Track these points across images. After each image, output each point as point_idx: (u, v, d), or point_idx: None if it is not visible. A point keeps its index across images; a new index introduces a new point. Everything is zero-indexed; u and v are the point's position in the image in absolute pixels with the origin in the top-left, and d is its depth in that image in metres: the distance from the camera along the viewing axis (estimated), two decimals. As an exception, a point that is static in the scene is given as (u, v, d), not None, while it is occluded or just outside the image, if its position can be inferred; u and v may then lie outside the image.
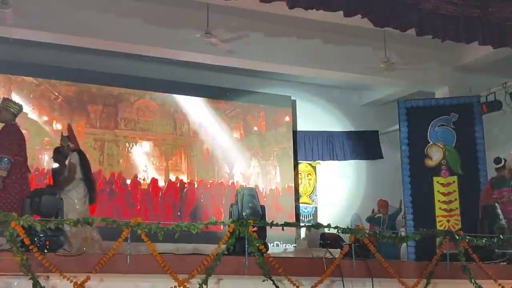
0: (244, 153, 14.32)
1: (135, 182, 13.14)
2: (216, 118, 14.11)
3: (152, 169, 13.35)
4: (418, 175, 12.09)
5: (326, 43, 12.26)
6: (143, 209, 13.00)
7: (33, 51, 12.19)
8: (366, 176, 15.36)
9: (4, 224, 6.78)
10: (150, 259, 7.22)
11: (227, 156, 14.15)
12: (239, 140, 14.33)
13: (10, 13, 9.79)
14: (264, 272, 7.57)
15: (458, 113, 12.22)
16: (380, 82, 13.69)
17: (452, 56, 12.94)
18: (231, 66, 12.70)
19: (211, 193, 13.82)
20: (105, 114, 13.17)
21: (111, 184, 12.97)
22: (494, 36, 9.59)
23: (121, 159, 13.20)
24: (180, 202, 13.50)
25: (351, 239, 8.28)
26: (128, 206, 12.98)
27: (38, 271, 6.75)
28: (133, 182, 13.14)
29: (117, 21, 10.99)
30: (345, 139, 15.32)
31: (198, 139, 13.97)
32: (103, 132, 13.12)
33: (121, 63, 12.87)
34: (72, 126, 10.10)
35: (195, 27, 10.98)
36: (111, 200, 12.88)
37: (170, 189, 13.45)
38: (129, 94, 13.42)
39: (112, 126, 13.23)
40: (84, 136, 12.60)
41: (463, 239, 8.94)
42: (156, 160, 13.44)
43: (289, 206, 14.25)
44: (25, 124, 11.66)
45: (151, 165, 13.37)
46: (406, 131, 12.29)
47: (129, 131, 13.31)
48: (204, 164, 13.93)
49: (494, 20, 9.48)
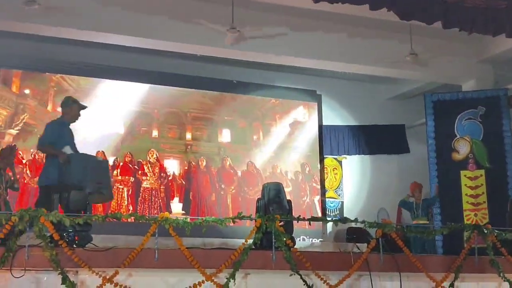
0: (269, 147, 14.31)
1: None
2: (241, 113, 14.14)
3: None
4: (445, 169, 12.04)
5: (352, 37, 12.22)
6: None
7: (58, 48, 12.32)
8: (392, 170, 15.25)
9: (34, 220, 6.85)
10: (177, 253, 7.26)
11: (250, 150, 14.17)
12: (265, 134, 14.34)
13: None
14: (291, 267, 7.59)
15: (485, 106, 12.15)
16: (406, 76, 13.61)
17: (478, 49, 12.85)
18: (256, 61, 12.69)
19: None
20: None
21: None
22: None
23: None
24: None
25: (378, 233, 8.26)
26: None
27: (67, 266, 6.82)
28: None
29: (142, 17, 11.03)
30: (371, 133, 15.27)
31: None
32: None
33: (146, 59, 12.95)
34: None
35: (220, 22, 11.00)
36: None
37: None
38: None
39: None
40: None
41: (491, 233, 8.90)
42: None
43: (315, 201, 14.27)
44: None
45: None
46: (433, 125, 12.24)
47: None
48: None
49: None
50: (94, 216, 7.51)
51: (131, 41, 11.54)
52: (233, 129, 14.11)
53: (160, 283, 7.36)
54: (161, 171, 13.23)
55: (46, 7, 10.07)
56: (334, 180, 14.95)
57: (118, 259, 7.04)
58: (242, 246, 7.50)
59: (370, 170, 15.35)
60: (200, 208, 13.35)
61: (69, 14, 10.56)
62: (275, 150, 14.38)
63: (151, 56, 12.82)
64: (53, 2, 10.31)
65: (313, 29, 11.98)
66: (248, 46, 11.48)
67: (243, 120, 14.23)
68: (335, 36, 12.14)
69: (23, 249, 6.78)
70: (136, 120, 13.26)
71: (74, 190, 7.82)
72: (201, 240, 9.13)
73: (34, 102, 12.48)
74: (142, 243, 7.13)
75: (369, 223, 8.48)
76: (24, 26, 10.70)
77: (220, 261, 7.41)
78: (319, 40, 12.06)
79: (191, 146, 13.66)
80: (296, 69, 13.84)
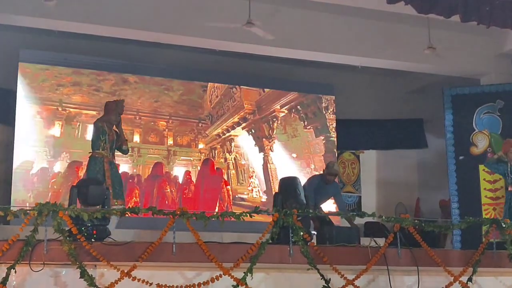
0: (285, 141, 14.34)
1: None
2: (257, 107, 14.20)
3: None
4: (464, 163, 12.00)
5: (369, 31, 12.19)
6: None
7: (71, 42, 12.43)
8: (410, 165, 15.22)
9: (53, 214, 6.91)
10: (195, 248, 7.31)
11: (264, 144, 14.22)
12: (280, 128, 14.36)
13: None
14: (309, 261, 7.61)
15: (504, 100, 12.09)
16: (424, 69, 13.55)
17: (497, 42, 12.77)
18: (273, 56, 12.69)
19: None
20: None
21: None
22: (540, 21, 9.47)
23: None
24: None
25: (396, 227, 8.26)
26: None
27: (86, 260, 6.89)
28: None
29: (157, 11, 11.05)
30: (389, 127, 15.22)
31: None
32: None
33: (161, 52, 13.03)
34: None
35: (237, 16, 11.02)
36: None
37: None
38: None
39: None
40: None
41: (510, 227, 8.88)
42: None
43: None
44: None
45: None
46: (451, 119, 12.20)
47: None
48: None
49: (540, 4, 9.36)
50: (112, 210, 7.59)
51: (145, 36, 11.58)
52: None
53: (177, 277, 7.41)
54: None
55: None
56: (352, 174, 14.94)
57: (136, 253, 7.10)
58: (260, 241, 7.54)
59: (388, 164, 15.29)
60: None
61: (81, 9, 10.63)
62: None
63: (165, 49, 12.86)
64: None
65: (330, 23, 11.98)
66: (265, 40, 11.49)
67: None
68: (353, 29, 12.12)
69: (42, 243, 6.86)
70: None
71: (93, 184, 7.91)
72: (219, 234, 9.19)
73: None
74: (160, 237, 7.18)
75: (386, 217, 8.50)
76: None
77: (238, 255, 7.46)
78: (336, 34, 12.05)
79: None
80: (313, 63, 13.82)
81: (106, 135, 9.09)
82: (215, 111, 13.88)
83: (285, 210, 7.92)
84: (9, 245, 6.77)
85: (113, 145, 9.19)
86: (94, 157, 9.07)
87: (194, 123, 13.66)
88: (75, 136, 12.53)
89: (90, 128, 10.77)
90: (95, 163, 9.00)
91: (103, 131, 9.08)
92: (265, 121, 14.25)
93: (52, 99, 12.47)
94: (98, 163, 8.99)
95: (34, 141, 12.17)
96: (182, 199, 12.99)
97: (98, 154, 9.03)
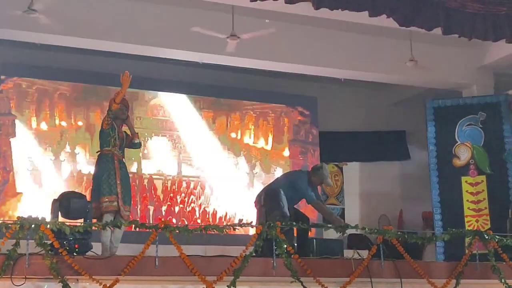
0: (268, 153, 14.33)
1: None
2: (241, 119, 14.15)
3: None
4: (446, 175, 12.03)
5: (352, 43, 12.24)
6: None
7: (55, 55, 12.39)
8: (393, 176, 15.27)
9: (34, 228, 6.86)
10: (178, 261, 7.28)
11: (249, 155, 14.16)
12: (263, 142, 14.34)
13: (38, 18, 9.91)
14: (292, 274, 7.60)
15: (486, 112, 12.14)
16: (407, 82, 13.61)
17: (478, 55, 12.85)
18: (255, 68, 12.70)
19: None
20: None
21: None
22: (521, 34, 9.53)
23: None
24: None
25: (379, 239, 8.27)
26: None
27: (68, 274, 6.85)
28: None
29: (142, 25, 11.07)
30: (372, 139, 15.25)
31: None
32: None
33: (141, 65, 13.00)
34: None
35: (220, 29, 11.04)
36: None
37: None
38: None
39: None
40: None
41: (493, 239, 8.91)
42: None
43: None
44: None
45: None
46: (434, 131, 12.25)
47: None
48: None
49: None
50: (94, 224, 7.55)
51: (128, 48, 11.57)
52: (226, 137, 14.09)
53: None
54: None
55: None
56: (335, 186, 14.94)
57: (118, 267, 7.06)
58: (243, 253, 7.52)
59: (371, 176, 15.33)
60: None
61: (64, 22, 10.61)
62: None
63: (150, 62, 12.85)
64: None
65: (313, 36, 12.01)
66: (248, 53, 11.50)
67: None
68: (335, 42, 12.17)
69: (24, 257, 6.81)
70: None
71: (75, 198, 7.87)
72: (203, 247, 9.15)
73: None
74: (143, 251, 7.15)
75: (370, 229, 8.50)
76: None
77: (221, 269, 7.43)
78: (319, 47, 12.09)
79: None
80: (296, 76, 13.85)
81: (116, 132, 8.63)
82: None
83: (268, 222, 7.91)
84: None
85: (123, 143, 8.73)
86: (104, 155, 8.52)
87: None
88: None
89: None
90: (106, 161, 8.47)
91: (113, 127, 8.60)
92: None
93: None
94: (109, 160, 8.48)
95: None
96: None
97: (108, 151, 8.52)
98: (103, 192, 8.23)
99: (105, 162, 8.46)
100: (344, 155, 15.09)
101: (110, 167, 8.41)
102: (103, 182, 8.28)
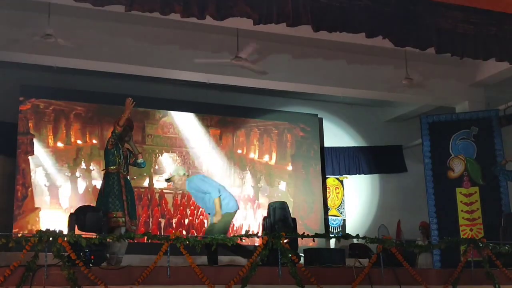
0: (272, 168, 14.33)
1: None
2: (246, 136, 14.16)
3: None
4: (441, 187, 12.00)
5: (350, 63, 12.29)
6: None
7: (71, 78, 12.52)
8: (391, 188, 15.30)
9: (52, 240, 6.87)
10: (189, 271, 7.27)
11: (254, 170, 14.17)
12: (267, 157, 14.35)
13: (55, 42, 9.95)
14: (297, 281, 7.58)
15: (478, 127, 12.12)
16: (403, 99, 13.66)
17: (470, 72, 12.88)
18: (260, 88, 12.74)
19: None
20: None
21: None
22: (510, 52, 9.54)
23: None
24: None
25: (379, 248, 8.26)
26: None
27: (84, 284, 6.85)
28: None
29: (151, 47, 11.12)
30: (370, 154, 15.35)
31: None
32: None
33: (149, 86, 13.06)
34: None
35: (226, 51, 11.08)
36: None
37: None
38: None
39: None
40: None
41: (487, 246, 8.89)
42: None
43: (318, 219, 14.23)
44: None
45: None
46: (429, 145, 12.21)
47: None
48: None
49: (510, 37, 9.44)
50: (109, 236, 7.54)
51: (139, 70, 11.63)
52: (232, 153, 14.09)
53: (172, 299, 7.37)
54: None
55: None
56: (336, 199, 14.96)
57: (132, 277, 7.06)
58: (250, 263, 7.51)
59: (370, 189, 15.39)
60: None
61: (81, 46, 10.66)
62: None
63: (160, 84, 12.91)
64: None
65: (314, 56, 12.05)
66: (252, 73, 11.53)
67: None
68: (335, 62, 12.22)
69: (42, 269, 6.81)
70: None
71: (90, 212, 7.87)
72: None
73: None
74: (155, 261, 7.15)
75: (370, 239, 8.50)
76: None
77: (229, 277, 7.42)
78: (319, 67, 12.12)
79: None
80: (297, 94, 13.90)
81: (121, 151, 8.74)
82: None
83: (274, 233, 7.91)
84: (11, 270, 6.72)
85: (127, 161, 8.85)
86: (110, 173, 8.65)
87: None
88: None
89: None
90: (112, 179, 8.60)
91: (117, 147, 8.70)
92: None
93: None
94: (115, 178, 8.61)
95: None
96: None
97: (114, 170, 8.65)
98: (112, 208, 8.41)
99: (113, 179, 8.63)
100: (345, 169, 15.14)
101: (116, 185, 8.59)
102: (111, 199, 8.45)
